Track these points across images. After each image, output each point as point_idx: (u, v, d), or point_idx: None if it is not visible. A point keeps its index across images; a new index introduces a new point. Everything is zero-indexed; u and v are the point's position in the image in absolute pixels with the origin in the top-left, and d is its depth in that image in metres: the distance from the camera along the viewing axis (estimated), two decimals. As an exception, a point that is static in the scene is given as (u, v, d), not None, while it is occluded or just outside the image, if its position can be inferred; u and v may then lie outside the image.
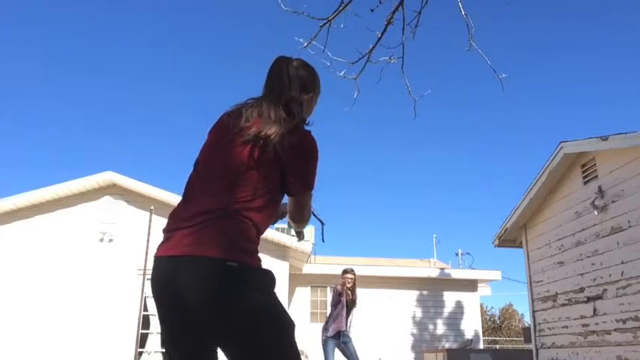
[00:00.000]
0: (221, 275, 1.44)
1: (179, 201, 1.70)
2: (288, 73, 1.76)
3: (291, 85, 1.73)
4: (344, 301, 6.98)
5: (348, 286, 7.02)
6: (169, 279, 1.49)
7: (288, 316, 1.55)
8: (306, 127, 1.73)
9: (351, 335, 7.05)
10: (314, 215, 1.83)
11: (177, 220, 1.59)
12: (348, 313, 7.06)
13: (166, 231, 1.60)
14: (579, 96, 42.35)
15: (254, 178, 1.57)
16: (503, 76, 4.37)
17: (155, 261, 1.56)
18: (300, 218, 1.80)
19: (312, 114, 1.87)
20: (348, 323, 7.05)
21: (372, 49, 4.40)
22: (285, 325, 1.51)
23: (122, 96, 34.40)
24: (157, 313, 1.57)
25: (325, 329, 6.95)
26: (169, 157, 40.31)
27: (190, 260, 1.46)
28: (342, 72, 4.48)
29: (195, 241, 1.48)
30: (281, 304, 1.56)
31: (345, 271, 7.15)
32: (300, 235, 2.09)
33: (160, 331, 1.59)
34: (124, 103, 34.06)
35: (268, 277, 1.55)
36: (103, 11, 28.19)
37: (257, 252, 1.56)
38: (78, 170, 38.44)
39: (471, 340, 13.66)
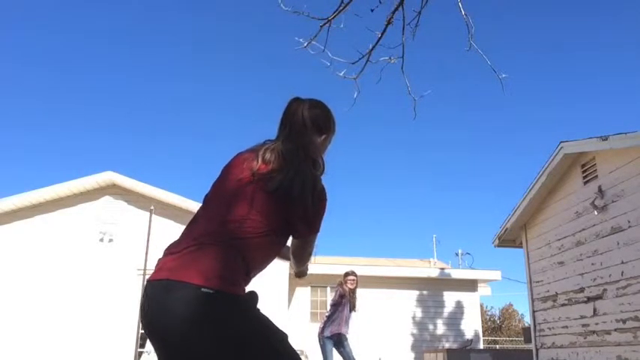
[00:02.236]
0: (194, 300, 1.42)
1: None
2: (303, 115, 1.77)
3: (306, 128, 1.76)
4: (345, 303, 6.96)
5: (351, 287, 7.01)
6: (150, 303, 1.49)
7: (277, 331, 1.53)
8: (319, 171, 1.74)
9: (348, 336, 7.03)
10: None
11: (171, 247, 1.60)
12: (349, 316, 7.03)
13: (160, 257, 1.61)
14: (579, 96, 42.37)
15: (255, 217, 1.58)
16: (503, 76, 4.37)
17: (144, 287, 1.57)
18: (300, 257, 1.84)
19: (325, 153, 1.89)
20: (348, 327, 7.02)
21: (372, 49, 4.40)
22: (275, 342, 1.51)
23: (122, 96, 34.42)
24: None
25: (322, 330, 6.93)
26: (169, 157, 40.32)
27: (169, 284, 1.46)
28: (342, 72, 4.48)
29: (177, 265, 1.49)
30: (266, 322, 1.53)
31: (346, 274, 7.13)
32: (301, 274, 2.06)
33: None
34: (124, 103, 34.07)
35: (247, 302, 1.53)
36: (103, 12, 28.21)
37: (238, 281, 1.52)
38: (78, 170, 38.46)
39: (471, 340, 13.66)
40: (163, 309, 1.44)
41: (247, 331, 1.47)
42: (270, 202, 1.59)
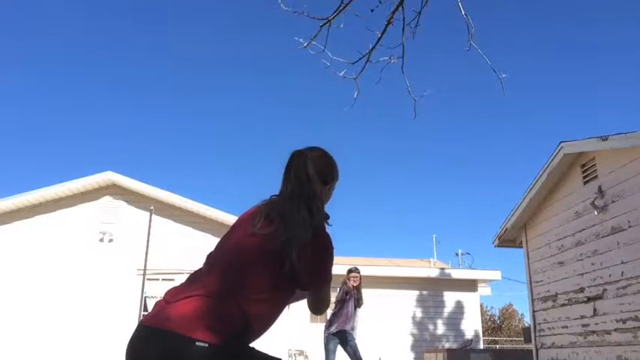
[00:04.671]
0: (182, 352, 1.40)
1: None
2: (306, 171, 1.75)
3: (310, 184, 1.74)
4: (349, 299, 6.99)
5: (355, 284, 7.05)
6: (135, 347, 1.48)
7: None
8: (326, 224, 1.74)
9: (354, 333, 7.05)
10: None
11: (168, 295, 1.58)
12: (354, 313, 7.07)
13: (158, 300, 1.60)
14: (579, 96, 42.37)
15: (258, 273, 1.57)
16: (504, 76, 4.37)
17: (136, 327, 1.56)
18: (317, 307, 1.81)
19: (329, 200, 1.88)
20: (354, 324, 7.05)
21: (372, 49, 4.40)
22: None
23: (122, 96, 34.41)
24: None
25: (328, 326, 6.96)
26: (170, 158, 40.32)
27: (158, 332, 1.45)
28: (342, 72, 4.48)
29: (170, 315, 1.47)
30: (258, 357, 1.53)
31: (350, 270, 7.18)
32: (321, 314, 2.07)
33: None
34: (123, 103, 34.07)
35: (235, 351, 1.49)
36: (104, 13, 28.21)
37: (228, 332, 1.48)
38: (78, 170, 38.44)
39: (471, 340, 13.64)
40: (150, 356, 1.42)
41: None
42: (270, 259, 1.58)
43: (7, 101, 27.93)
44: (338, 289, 7.22)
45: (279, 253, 1.58)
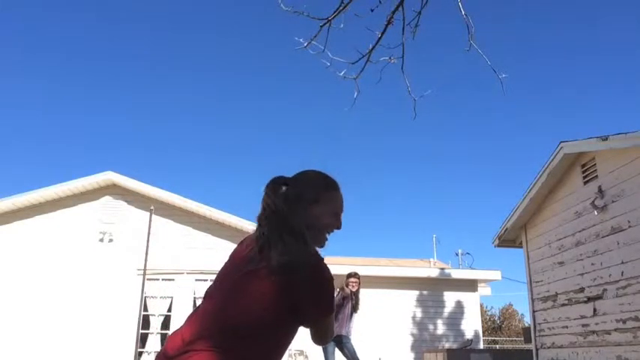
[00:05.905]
0: None
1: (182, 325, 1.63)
2: (276, 203, 1.62)
3: (287, 212, 1.60)
4: (346, 304, 6.97)
5: (353, 290, 7.02)
6: None
7: None
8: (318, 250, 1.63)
9: (351, 337, 7.04)
10: None
11: (170, 348, 1.54)
12: (350, 317, 7.05)
13: (157, 357, 1.55)
14: (579, 96, 42.39)
15: (259, 314, 1.50)
16: (504, 76, 4.35)
17: None
18: (322, 341, 1.74)
19: (324, 218, 1.72)
20: (350, 328, 7.03)
21: (372, 49, 4.39)
22: None
23: (122, 96, 34.41)
24: None
25: None
26: (170, 158, 40.31)
27: None
28: (342, 72, 4.48)
29: None
30: None
31: (349, 275, 7.16)
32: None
33: None
34: (124, 103, 34.06)
35: None
36: (102, 20, 28.23)
37: None
38: (78, 170, 38.44)
39: (471, 340, 13.64)
40: None
41: None
42: (268, 292, 1.50)
43: (7, 101, 27.95)
44: (336, 292, 7.22)
45: (279, 290, 1.49)
